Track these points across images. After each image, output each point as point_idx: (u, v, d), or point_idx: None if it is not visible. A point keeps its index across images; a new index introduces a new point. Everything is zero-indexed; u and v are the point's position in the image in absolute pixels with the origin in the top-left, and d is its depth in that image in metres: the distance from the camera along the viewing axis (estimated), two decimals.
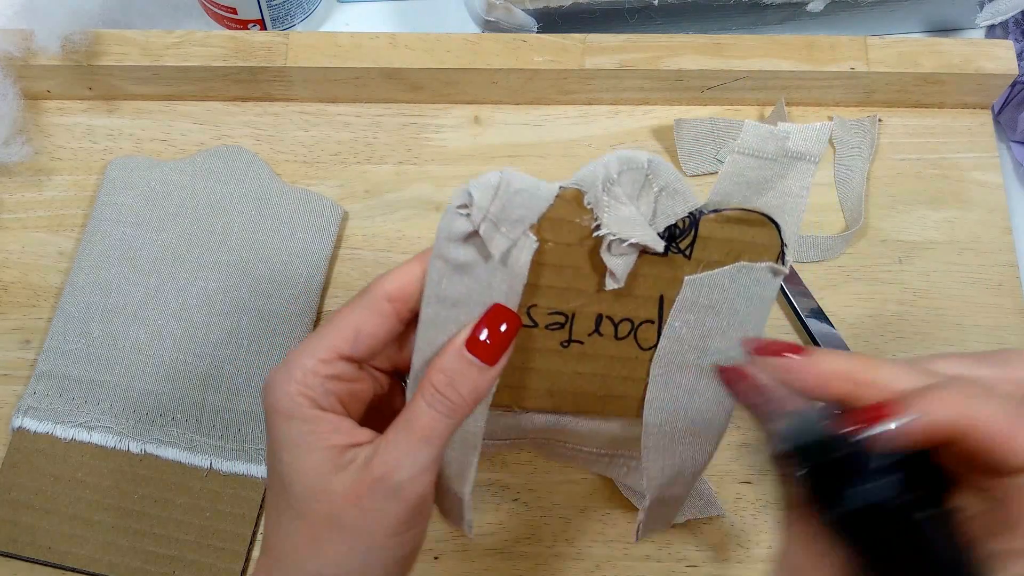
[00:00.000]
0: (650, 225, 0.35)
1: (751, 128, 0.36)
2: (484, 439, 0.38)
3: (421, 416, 0.34)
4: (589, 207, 0.35)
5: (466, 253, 0.34)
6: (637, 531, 0.43)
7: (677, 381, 0.38)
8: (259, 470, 0.51)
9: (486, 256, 0.34)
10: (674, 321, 0.37)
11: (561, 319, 0.36)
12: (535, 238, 0.34)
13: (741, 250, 0.36)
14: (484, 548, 0.51)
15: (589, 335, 0.37)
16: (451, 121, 0.61)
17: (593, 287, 0.36)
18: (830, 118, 0.61)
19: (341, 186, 0.59)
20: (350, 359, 0.35)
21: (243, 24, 0.61)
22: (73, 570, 0.49)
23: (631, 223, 0.35)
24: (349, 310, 0.35)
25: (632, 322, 0.37)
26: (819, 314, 0.55)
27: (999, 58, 0.59)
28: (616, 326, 0.37)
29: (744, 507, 0.52)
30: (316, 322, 0.55)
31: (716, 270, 0.36)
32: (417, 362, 0.36)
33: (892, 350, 0.56)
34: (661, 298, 0.37)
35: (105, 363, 0.53)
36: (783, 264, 0.37)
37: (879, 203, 0.59)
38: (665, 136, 0.60)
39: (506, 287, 0.35)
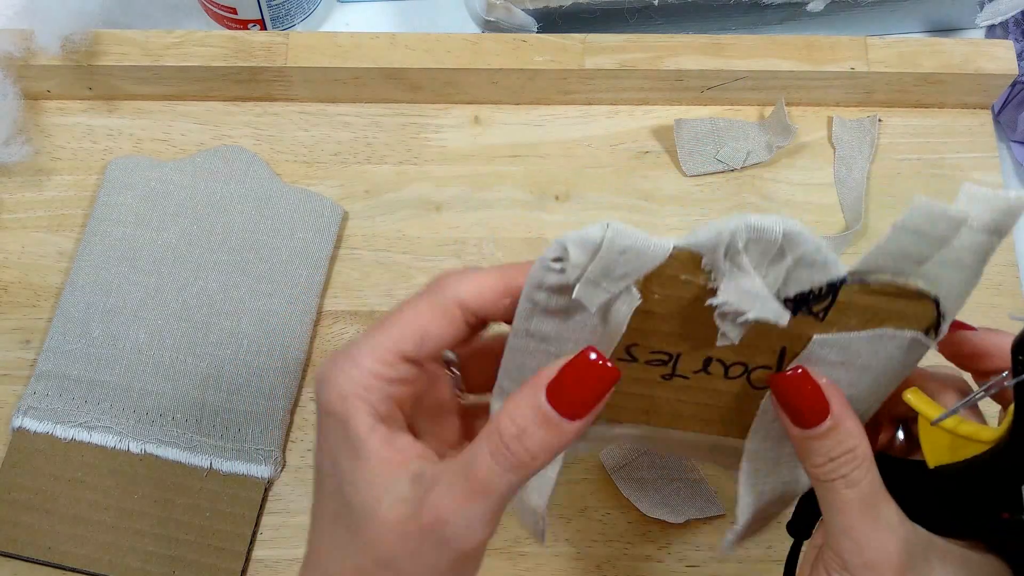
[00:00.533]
0: (780, 293, 0.31)
1: (920, 209, 0.30)
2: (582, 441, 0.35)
3: (481, 466, 0.30)
4: (707, 270, 0.31)
5: (559, 302, 0.31)
6: (730, 543, 0.39)
7: None
8: (259, 470, 0.51)
9: (581, 308, 0.31)
10: (797, 368, 0.33)
11: (664, 357, 0.33)
12: (638, 293, 0.31)
13: (885, 318, 0.32)
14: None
15: (695, 372, 0.34)
16: (451, 121, 0.61)
17: (703, 338, 0.32)
18: (830, 118, 0.61)
19: (341, 186, 0.59)
20: (413, 361, 0.32)
21: (243, 24, 0.61)
22: (73, 570, 0.49)
23: (752, 296, 0.31)
24: (414, 309, 0.32)
25: (746, 366, 0.33)
26: None
27: (999, 58, 0.59)
28: (727, 367, 0.34)
29: None
30: (316, 322, 0.55)
31: (852, 333, 0.32)
32: (504, 381, 0.34)
33: None
34: (783, 350, 0.33)
35: (105, 363, 0.53)
36: (936, 337, 0.32)
37: (879, 203, 0.59)
38: (665, 136, 0.60)
39: (603, 332, 0.32)
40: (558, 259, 0.30)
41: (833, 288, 0.31)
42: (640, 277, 0.30)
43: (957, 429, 0.33)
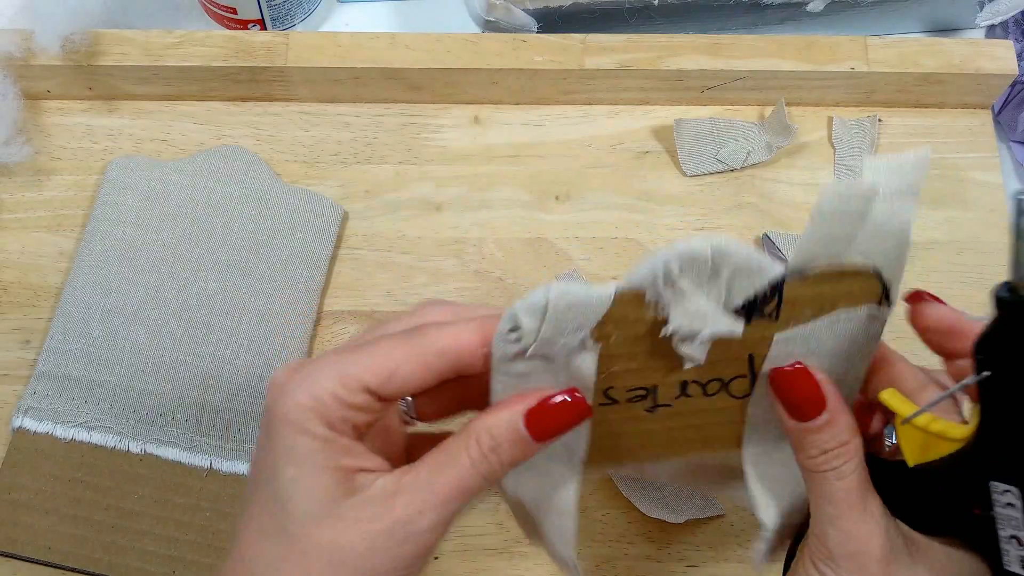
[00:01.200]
0: (726, 306, 0.32)
1: (830, 192, 0.31)
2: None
3: (461, 468, 0.32)
4: (651, 301, 0.32)
5: (526, 366, 0.33)
6: (761, 558, 0.39)
7: (773, 417, 0.35)
8: None
9: (547, 363, 0.33)
10: (768, 370, 0.34)
11: (642, 392, 0.34)
12: (595, 343, 0.32)
13: (836, 301, 0.33)
14: (484, 548, 0.51)
15: (676, 398, 0.35)
16: (451, 121, 0.61)
17: (671, 365, 0.34)
18: (830, 118, 0.61)
19: (341, 186, 0.59)
20: (374, 394, 0.33)
21: (243, 24, 0.61)
22: (73, 570, 0.49)
23: (702, 316, 0.32)
24: (389, 345, 0.33)
25: (722, 380, 0.35)
26: None
27: (999, 58, 0.60)
28: (704, 386, 0.35)
29: (744, 507, 0.52)
30: (316, 322, 0.55)
31: (809, 323, 0.33)
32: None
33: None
34: (751, 357, 0.34)
35: (105, 363, 0.53)
36: (888, 304, 0.34)
37: None
38: (665, 136, 0.60)
39: (576, 384, 0.34)
40: (512, 329, 0.32)
41: (776, 288, 0.32)
42: (593, 326, 0.32)
43: (929, 427, 0.33)
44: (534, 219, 0.58)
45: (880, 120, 0.61)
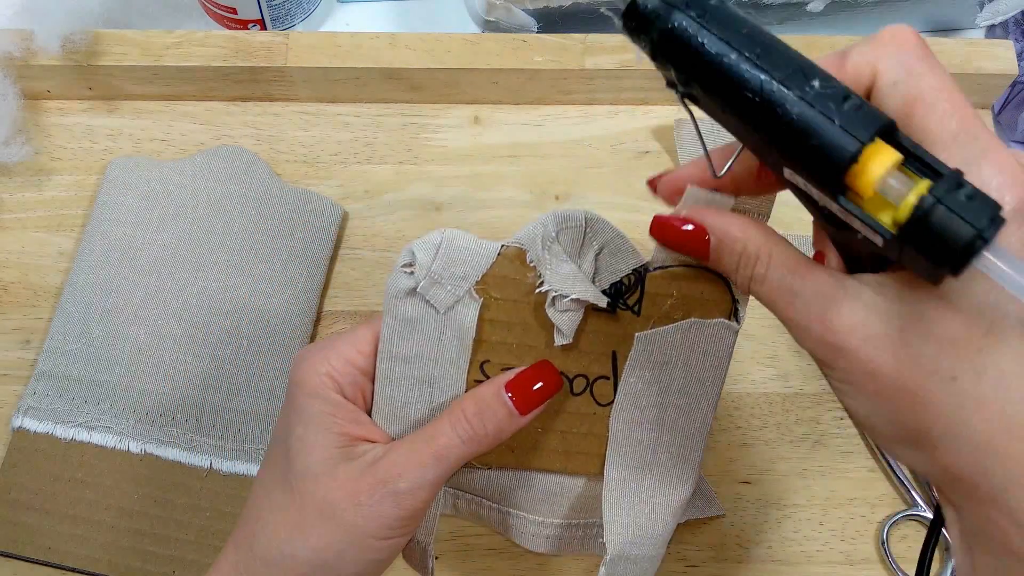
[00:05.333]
0: (594, 282, 0.36)
1: (691, 194, 0.34)
2: (452, 487, 0.39)
3: (442, 435, 0.35)
4: (532, 265, 0.36)
5: (413, 308, 0.36)
6: None
7: (638, 438, 0.38)
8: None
9: (433, 311, 0.36)
10: (629, 377, 0.37)
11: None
12: (479, 296, 0.36)
13: (691, 306, 0.36)
14: (484, 548, 0.51)
15: None
16: (451, 121, 0.61)
17: (543, 343, 0.37)
18: None
19: (341, 186, 0.59)
20: None
21: (243, 24, 0.61)
22: (73, 570, 0.49)
23: (572, 280, 0.35)
24: None
25: (587, 378, 0.37)
26: None
27: (999, 58, 0.60)
28: (571, 381, 0.37)
29: (744, 507, 0.52)
30: (316, 322, 0.55)
31: (666, 327, 0.36)
32: (378, 420, 0.37)
33: None
34: (614, 354, 0.37)
35: (105, 363, 0.53)
36: (737, 321, 0.36)
37: None
38: (665, 136, 0.60)
39: (456, 343, 0.36)
40: (407, 264, 0.36)
41: (640, 277, 0.36)
42: (479, 278, 0.36)
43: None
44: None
45: None
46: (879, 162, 0.26)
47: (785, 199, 0.61)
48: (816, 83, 0.27)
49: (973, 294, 0.27)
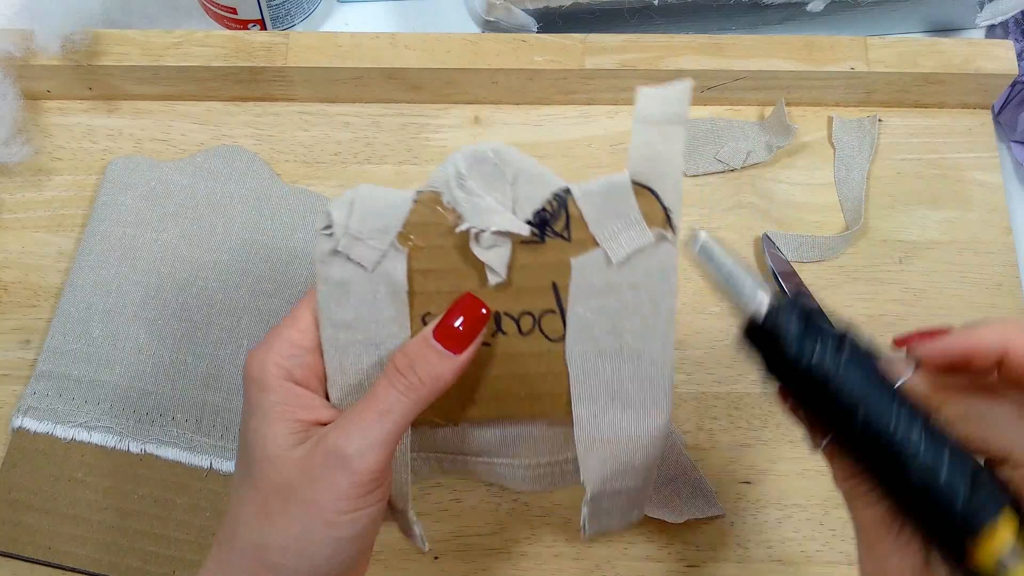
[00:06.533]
0: (514, 212, 0.35)
1: (649, 94, 0.35)
2: (431, 452, 0.38)
3: (381, 393, 0.35)
4: (450, 207, 0.35)
5: (342, 270, 0.35)
6: (583, 528, 0.40)
7: (598, 368, 0.36)
8: None
9: (362, 270, 0.35)
10: (576, 307, 0.36)
11: None
12: (403, 247, 0.35)
13: None
14: (484, 548, 0.51)
15: (493, 335, 0.36)
16: (451, 121, 0.61)
17: (477, 285, 0.36)
18: (830, 118, 0.61)
19: (341, 186, 0.59)
20: None
21: (243, 24, 0.61)
22: (73, 570, 0.49)
23: (490, 213, 0.35)
24: None
25: (532, 315, 0.36)
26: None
27: (999, 58, 0.60)
28: (517, 321, 0.36)
29: (744, 507, 0.52)
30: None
31: (600, 248, 0.35)
32: (333, 393, 0.37)
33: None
34: (554, 285, 0.36)
35: (105, 363, 0.53)
36: (672, 229, 0.35)
37: (879, 203, 0.59)
38: None
39: (391, 299, 0.35)
40: (326, 226, 0.35)
41: (562, 201, 0.35)
42: (400, 229, 0.35)
43: None
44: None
45: (880, 120, 0.61)
46: (1000, 538, 0.29)
47: (785, 199, 0.61)
48: (947, 453, 0.30)
49: None
